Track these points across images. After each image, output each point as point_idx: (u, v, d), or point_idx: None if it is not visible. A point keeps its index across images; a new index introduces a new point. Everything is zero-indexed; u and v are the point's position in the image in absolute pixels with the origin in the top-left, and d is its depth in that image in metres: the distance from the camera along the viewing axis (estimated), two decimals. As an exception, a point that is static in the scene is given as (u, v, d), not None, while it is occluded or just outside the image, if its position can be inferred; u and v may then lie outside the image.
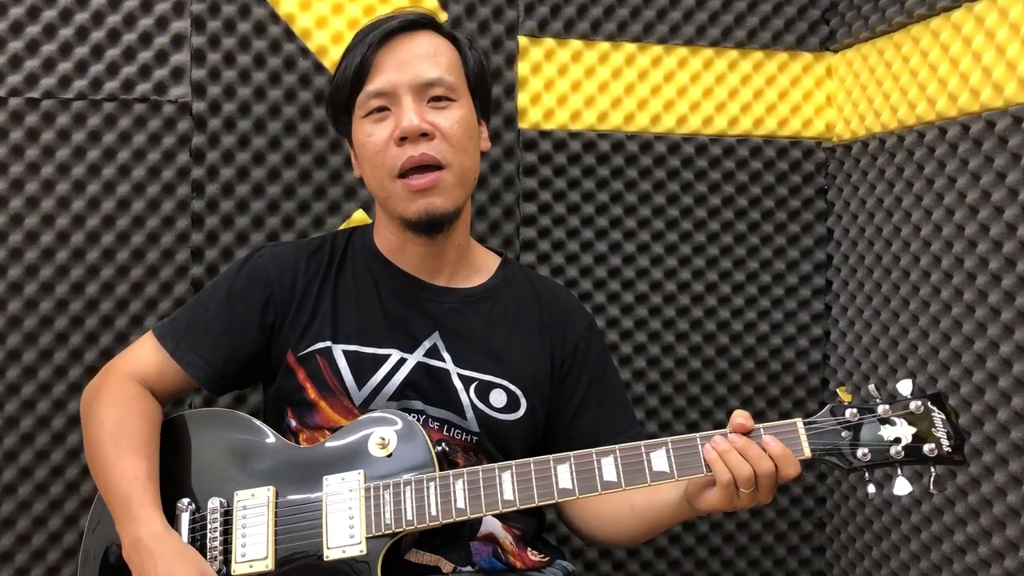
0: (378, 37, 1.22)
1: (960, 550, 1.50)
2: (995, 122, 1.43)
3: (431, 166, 1.21)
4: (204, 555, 1.20)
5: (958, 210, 1.51)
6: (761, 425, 1.10)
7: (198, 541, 1.21)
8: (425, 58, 1.23)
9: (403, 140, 1.20)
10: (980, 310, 1.46)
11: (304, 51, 1.69)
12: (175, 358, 1.30)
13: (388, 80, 1.21)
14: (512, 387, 1.28)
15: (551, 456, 1.14)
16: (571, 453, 1.13)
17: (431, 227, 1.24)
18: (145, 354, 1.32)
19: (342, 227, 1.70)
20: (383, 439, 1.19)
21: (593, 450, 1.13)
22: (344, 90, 1.25)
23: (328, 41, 1.69)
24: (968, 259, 1.49)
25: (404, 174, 1.21)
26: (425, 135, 1.20)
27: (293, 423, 1.28)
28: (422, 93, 1.22)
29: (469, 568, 1.23)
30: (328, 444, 1.23)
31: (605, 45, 1.79)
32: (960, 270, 1.51)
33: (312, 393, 1.26)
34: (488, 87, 1.34)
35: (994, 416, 1.43)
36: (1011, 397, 1.40)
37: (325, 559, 1.14)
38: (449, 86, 1.23)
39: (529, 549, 1.31)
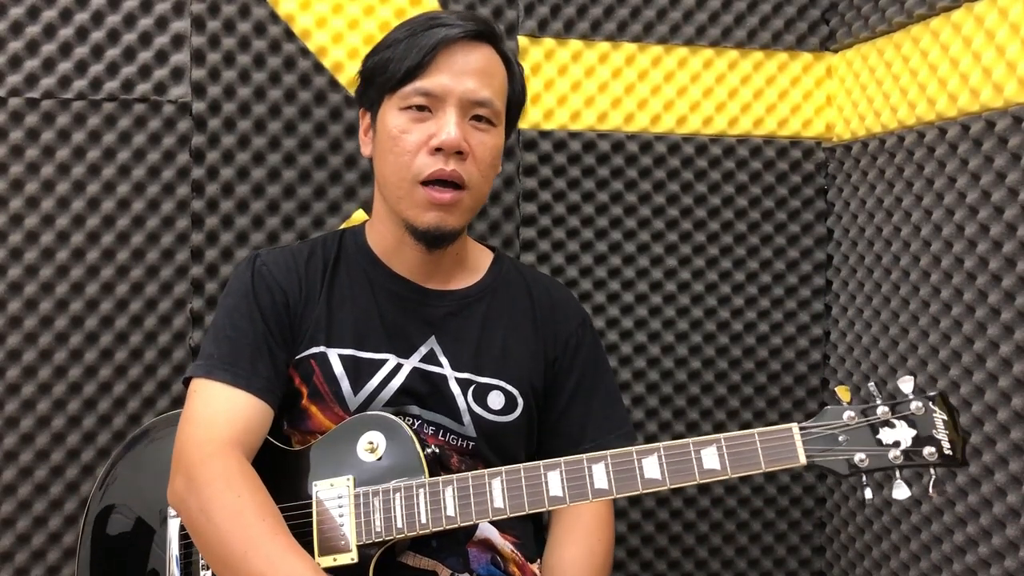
0: (444, 42, 1.19)
1: (960, 550, 1.50)
2: (995, 122, 1.43)
3: (455, 184, 1.19)
4: (196, 560, 1.20)
5: (958, 210, 1.51)
6: (756, 431, 1.08)
7: (191, 546, 1.20)
8: (480, 74, 1.20)
9: (437, 151, 1.18)
10: (980, 310, 1.46)
11: (304, 51, 1.69)
12: (242, 387, 1.17)
13: (440, 84, 1.18)
14: (510, 388, 1.28)
15: (541, 463, 1.12)
16: (561, 459, 1.12)
17: (436, 241, 1.23)
18: (212, 405, 1.17)
19: (342, 227, 1.70)
20: (372, 443, 1.18)
21: (584, 456, 1.11)
22: (393, 78, 1.20)
23: (328, 41, 1.69)
24: (968, 259, 1.49)
25: (427, 182, 1.19)
26: (459, 153, 1.18)
27: (284, 425, 1.27)
28: (467, 109, 1.20)
29: (467, 575, 1.22)
30: (317, 447, 1.21)
31: (605, 45, 1.79)
32: (960, 270, 1.51)
33: (304, 399, 1.25)
34: (520, 114, 1.33)
35: (994, 416, 1.43)
36: (1011, 397, 1.40)
37: None
38: (495, 110, 1.22)
39: (537, 563, 1.30)
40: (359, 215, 1.72)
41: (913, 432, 1.06)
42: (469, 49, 1.21)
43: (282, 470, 1.20)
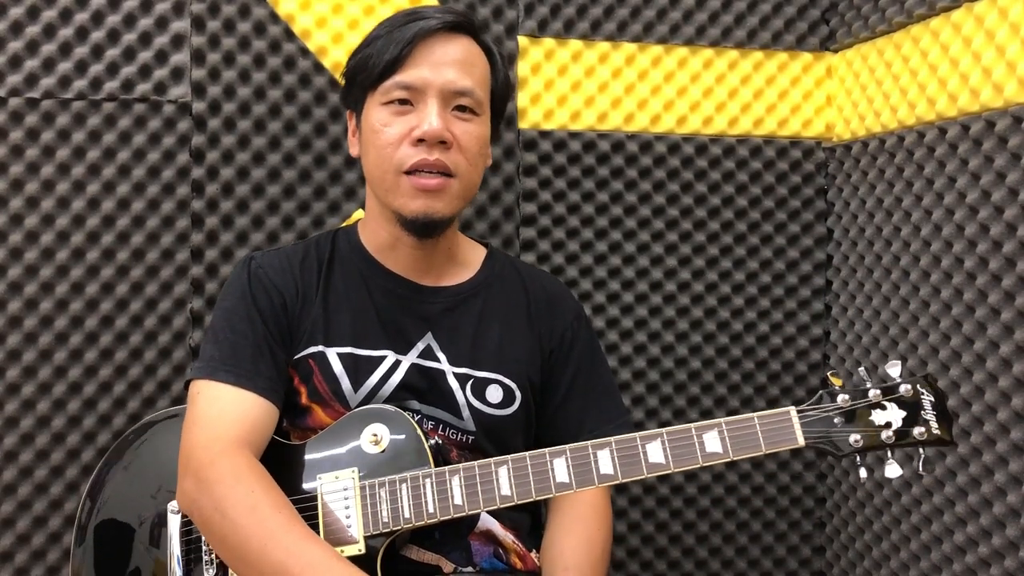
0: (421, 34, 1.19)
1: (960, 550, 1.50)
2: (995, 122, 1.43)
3: (442, 172, 1.20)
4: (196, 557, 1.20)
5: (958, 210, 1.51)
6: (755, 415, 1.11)
7: (192, 543, 1.21)
8: (460, 64, 1.21)
9: (420, 142, 1.18)
10: (980, 310, 1.46)
11: (304, 51, 1.69)
12: (245, 387, 1.18)
13: (420, 76, 1.19)
14: (507, 381, 1.28)
15: (547, 450, 1.14)
16: (567, 446, 1.13)
17: (426, 229, 1.23)
18: (216, 406, 1.17)
19: (342, 226, 1.70)
20: (375, 435, 1.18)
21: (589, 443, 1.13)
22: (373, 73, 1.21)
23: (328, 41, 1.69)
24: (968, 259, 1.49)
25: (412, 171, 1.19)
26: (443, 142, 1.19)
27: (284, 422, 1.27)
28: (449, 100, 1.20)
29: (470, 569, 1.22)
30: (319, 441, 1.21)
31: (605, 45, 1.79)
32: (960, 270, 1.51)
33: (304, 398, 1.25)
34: (506, 106, 1.33)
35: (994, 416, 1.43)
36: (1011, 397, 1.40)
37: None
38: (477, 100, 1.22)
39: (535, 552, 1.31)
40: (359, 215, 1.72)
41: (903, 413, 1.10)
42: (447, 40, 1.21)
43: (284, 464, 1.20)
